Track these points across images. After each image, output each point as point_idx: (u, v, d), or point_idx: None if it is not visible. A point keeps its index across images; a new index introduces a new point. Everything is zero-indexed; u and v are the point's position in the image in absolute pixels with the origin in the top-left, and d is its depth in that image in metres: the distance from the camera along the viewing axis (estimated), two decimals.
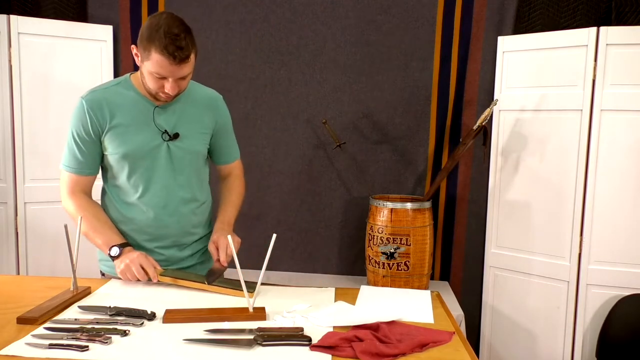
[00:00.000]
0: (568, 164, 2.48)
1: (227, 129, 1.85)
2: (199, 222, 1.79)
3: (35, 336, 1.22)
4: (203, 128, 1.74)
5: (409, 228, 2.55)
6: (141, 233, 1.71)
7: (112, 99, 1.63)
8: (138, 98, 1.65)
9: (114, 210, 1.72)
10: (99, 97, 1.63)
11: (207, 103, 1.76)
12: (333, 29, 2.85)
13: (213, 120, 1.77)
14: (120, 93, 1.65)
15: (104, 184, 1.75)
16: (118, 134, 1.62)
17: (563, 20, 2.59)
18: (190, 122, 1.70)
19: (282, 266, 3.02)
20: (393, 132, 2.89)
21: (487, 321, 2.80)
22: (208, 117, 1.75)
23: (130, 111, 1.64)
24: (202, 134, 1.74)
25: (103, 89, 1.66)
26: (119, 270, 1.60)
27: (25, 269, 2.79)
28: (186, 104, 1.70)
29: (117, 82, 1.68)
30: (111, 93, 1.65)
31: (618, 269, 2.39)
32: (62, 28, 2.78)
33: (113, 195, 1.72)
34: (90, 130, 1.62)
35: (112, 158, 1.65)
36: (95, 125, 1.62)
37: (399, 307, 1.50)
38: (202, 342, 1.21)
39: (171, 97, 1.60)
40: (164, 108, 1.66)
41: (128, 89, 1.66)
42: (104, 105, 1.62)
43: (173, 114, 1.68)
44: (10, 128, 2.72)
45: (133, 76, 1.69)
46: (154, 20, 1.51)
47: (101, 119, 1.62)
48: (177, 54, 1.48)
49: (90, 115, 1.61)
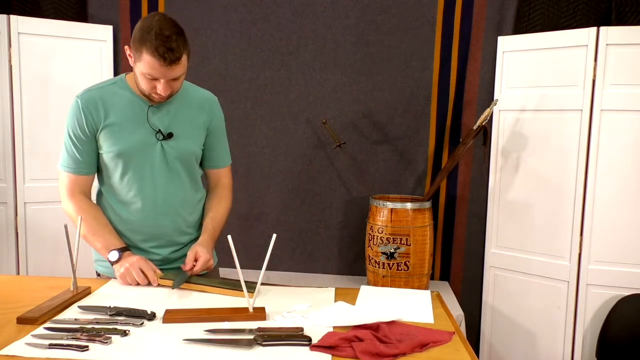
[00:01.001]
0: (568, 164, 2.48)
1: (220, 131, 1.83)
2: (193, 221, 1.79)
3: (35, 336, 1.22)
4: (197, 128, 1.74)
5: (409, 228, 2.55)
6: (136, 233, 1.71)
7: (107, 98, 1.64)
8: (133, 97, 1.66)
9: (109, 211, 1.72)
10: (94, 96, 1.64)
11: (201, 104, 1.76)
12: (333, 29, 2.85)
13: (207, 121, 1.77)
14: (115, 92, 1.66)
15: (99, 185, 1.76)
16: (112, 132, 1.63)
17: (563, 20, 2.59)
18: (185, 122, 1.70)
19: (282, 266, 3.01)
20: (393, 132, 2.89)
21: (487, 321, 2.80)
22: (202, 117, 1.75)
23: (125, 110, 1.64)
24: (196, 134, 1.74)
25: (98, 88, 1.67)
26: (119, 274, 1.60)
27: (25, 269, 2.79)
28: (181, 104, 1.71)
29: (113, 82, 1.69)
30: (106, 92, 1.65)
31: (618, 269, 2.39)
32: (62, 28, 2.78)
33: (108, 196, 1.72)
34: (86, 128, 1.63)
35: (107, 157, 1.66)
36: (90, 124, 1.63)
37: (399, 307, 1.49)
38: (202, 342, 1.21)
39: (164, 97, 1.60)
40: (158, 107, 1.67)
41: (123, 89, 1.66)
42: (99, 104, 1.63)
43: (167, 113, 1.68)
44: (10, 128, 2.72)
45: (128, 76, 1.69)
46: (146, 21, 1.51)
47: (96, 118, 1.62)
48: (167, 55, 1.48)
49: (85, 114, 1.62)
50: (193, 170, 1.77)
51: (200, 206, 1.82)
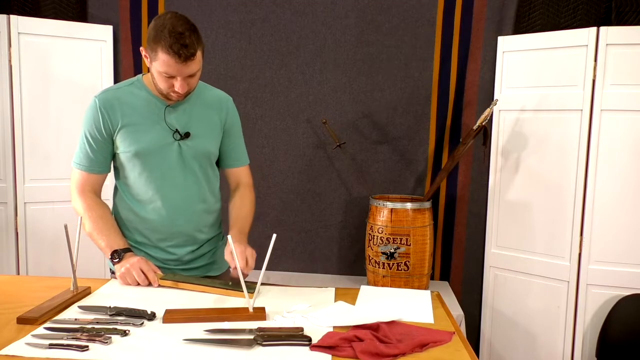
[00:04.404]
0: (568, 164, 2.48)
1: (236, 130, 1.84)
2: (209, 221, 1.80)
3: (35, 336, 1.22)
4: (213, 128, 1.75)
5: (409, 228, 2.55)
6: (154, 232, 1.72)
7: (125, 99, 1.65)
8: (150, 98, 1.67)
9: (126, 209, 1.73)
10: (112, 97, 1.65)
11: (217, 103, 1.77)
12: (333, 29, 2.85)
13: (223, 120, 1.78)
14: (132, 93, 1.67)
15: (116, 182, 1.77)
16: (130, 132, 1.64)
17: (563, 20, 2.59)
18: (201, 122, 1.71)
19: (282, 266, 3.02)
20: (393, 132, 2.89)
21: (487, 321, 2.80)
22: (218, 117, 1.76)
23: (142, 110, 1.65)
24: (213, 133, 1.75)
25: (116, 88, 1.69)
26: (119, 274, 1.60)
27: (25, 269, 2.79)
28: (197, 104, 1.72)
29: (130, 83, 1.70)
30: (124, 93, 1.67)
31: (618, 269, 2.39)
32: (62, 28, 2.78)
33: (125, 194, 1.73)
34: (103, 129, 1.64)
35: (124, 156, 1.66)
36: (108, 124, 1.64)
37: (399, 307, 1.50)
38: (202, 342, 1.21)
39: (182, 95, 1.61)
40: (174, 107, 1.68)
41: (140, 89, 1.68)
42: (116, 105, 1.64)
43: (184, 113, 1.69)
44: (10, 128, 2.72)
45: (145, 76, 1.71)
46: (159, 20, 1.52)
47: (113, 118, 1.63)
48: (182, 52, 1.49)
49: (103, 114, 1.63)
50: (210, 170, 1.78)
51: (217, 206, 1.83)
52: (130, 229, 1.74)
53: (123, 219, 1.74)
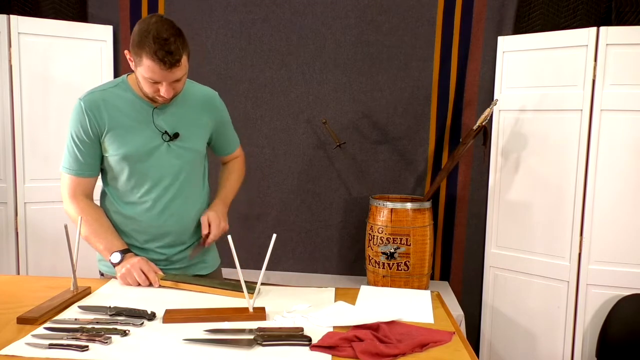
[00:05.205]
0: (568, 164, 2.48)
1: (226, 123, 1.87)
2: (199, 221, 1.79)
3: (35, 336, 1.22)
4: (202, 127, 1.76)
5: (409, 228, 2.55)
6: (142, 233, 1.71)
7: (110, 101, 1.64)
8: (136, 100, 1.65)
9: (114, 212, 1.72)
10: (97, 98, 1.63)
11: (204, 103, 1.77)
12: (333, 29, 2.85)
13: (212, 120, 1.78)
14: (118, 95, 1.65)
15: (103, 186, 1.75)
16: (117, 135, 1.63)
17: (563, 20, 2.59)
18: (189, 122, 1.71)
19: (282, 266, 3.02)
20: (393, 132, 2.89)
21: (487, 321, 2.80)
22: (206, 116, 1.76)
23: (129, 112, 1.64)
24: (201, 133, 1.76)
25: (101, 90, 1.66)
26: (120, 274, 1.60)
27: (25, 269, 2.79)
28: (184, 104, 1.71)
29: (115, 84, 1.68)
30: (109, 95, 1.65)
31: (618, 269, 2.39)
32: (61, 28, 2.78)
33: (113, 197, 1.72)
34: (90, 131, 1.62)
35: (113, 159, 1.65)
36: (94, 126, 1.62)
37: (399, 307, 1.50)
38: (202, 342, 1.21)
39: (168, 100, 1.60)
40: (162, 109, 1.67)
41: (126, 91, 1.66)
42: (102, 106, 1.62)
43: (172, 115, 1.68)
44: (10, 128, 2.72)
45: (130, 77, 1.68)
46: (143, 25, 1.50)
47: (100, 120, 1.62)
48: (167, 59, 1.47)
49: (89, 116, 1.61)
50: (199, 169, 1.78)
51: (206, 206, 1.83)
52: (119, 232, 1.72)
53: (112, 222, 1.72)
